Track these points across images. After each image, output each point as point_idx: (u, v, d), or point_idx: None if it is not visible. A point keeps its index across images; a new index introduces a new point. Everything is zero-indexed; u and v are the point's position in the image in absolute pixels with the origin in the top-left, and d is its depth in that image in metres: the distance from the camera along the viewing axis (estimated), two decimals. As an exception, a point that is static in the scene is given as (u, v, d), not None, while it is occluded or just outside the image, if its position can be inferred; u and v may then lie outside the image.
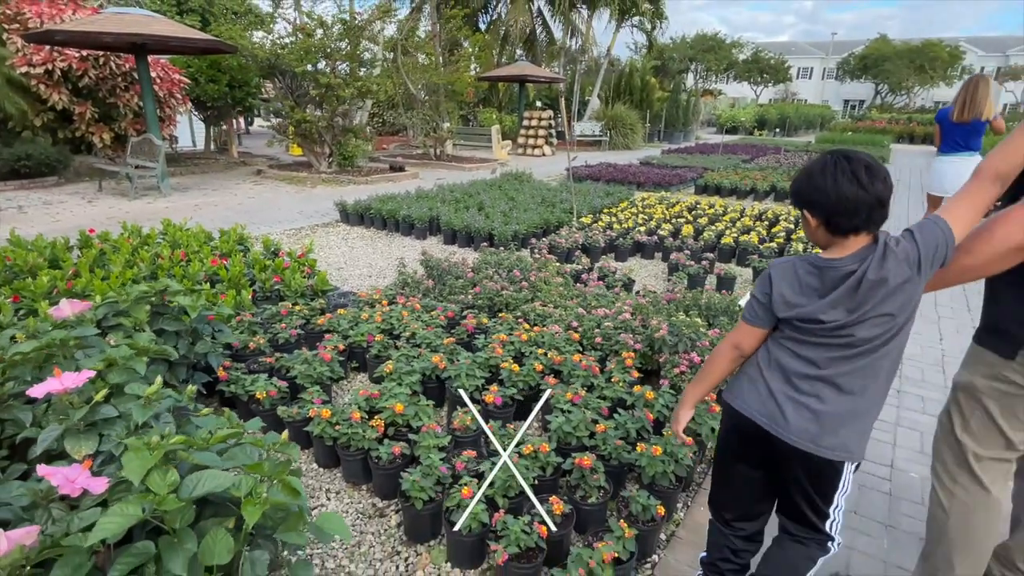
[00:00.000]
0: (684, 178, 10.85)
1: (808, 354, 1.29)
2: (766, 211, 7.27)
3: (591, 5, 18.93)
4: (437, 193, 7.95)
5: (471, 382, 2.71)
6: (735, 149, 17.00)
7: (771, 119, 30.28)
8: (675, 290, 3.86)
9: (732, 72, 51.63)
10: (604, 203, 7.78)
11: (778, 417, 1.32)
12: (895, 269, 1.20)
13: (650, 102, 22.90)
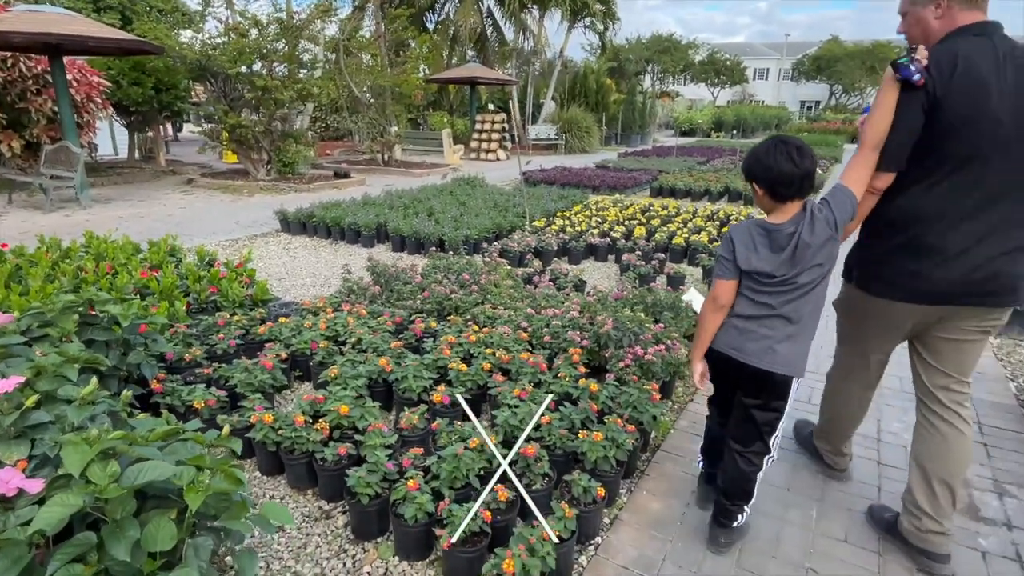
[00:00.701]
0: (639, 181, 11.29)
1: (763, 299, 1.81)
2: (718, 211, 7.69)
3: (542, 5, 19.47)
4: (385, 199, 8.05)
5: (418, 383, 2.85)
6: (691, 151, 17.74)
7: (728, 121, 31.65)
8: (624, 288, 4.10)
9: (689, 74, 53.66)
10: (558, 207, 8.06)
11: (743, 347, 1.84)
12: (820, 231, 1.73)
13: (606, 104, 23.61)
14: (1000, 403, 3.17)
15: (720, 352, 1.90)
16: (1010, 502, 2.37)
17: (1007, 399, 3.22)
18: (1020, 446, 2.77)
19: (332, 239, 6.86)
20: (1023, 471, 2.57)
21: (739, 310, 1.86)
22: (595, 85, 23.28)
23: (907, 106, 1.75)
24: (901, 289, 1.87)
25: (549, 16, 20.27)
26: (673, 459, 2.63)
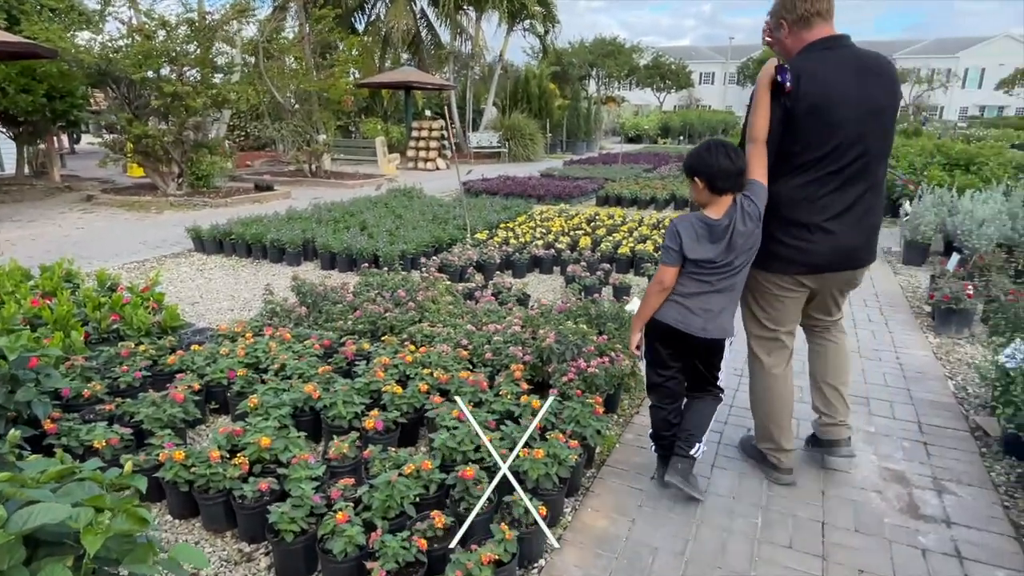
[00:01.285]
0: (585, 190, 11.58)
1: (704, 279, 2.27)
2: (664, 219, 7.99)
3: (478, 7, 19.79)
4: (313, 213, 7.94)
5: (349, 409, 2.84)
6: (638, 158, 18.33)
7: (675, 127, 32.89)
8: (568, 301, 4.21)
9: (634, 78, 55.49)
10: (501, 218, 8.17)
11: (688, 321, 2.30)
12: (749, 222, 2.23)
13: (550, 110, 24.12)
14: (939, 401, 3.44)
15: (669, 326, 2.33)
16: (949, 499, 2.57)
17: (946, 397, 3.49)
18: (959, 443, 3.01)
19: (253, 258, 6.71)
20: (961, 468, 2.80)
21: (682, 289, 2.30)
22: (538, 90, 23.77)
23: (774, 108, 2.25)
24: (795, 263, 2.37)
25: (486, 18, 20.63)
26: (619, 474, 2.72)
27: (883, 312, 4.99)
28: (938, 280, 4.86)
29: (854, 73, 2.21)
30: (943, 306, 4.40)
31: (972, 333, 4.46)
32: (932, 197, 6.54)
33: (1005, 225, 5.77)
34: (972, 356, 4.08)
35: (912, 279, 5.99)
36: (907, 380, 3.70)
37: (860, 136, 2.22)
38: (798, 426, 3.06)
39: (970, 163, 9.82)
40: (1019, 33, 58.54)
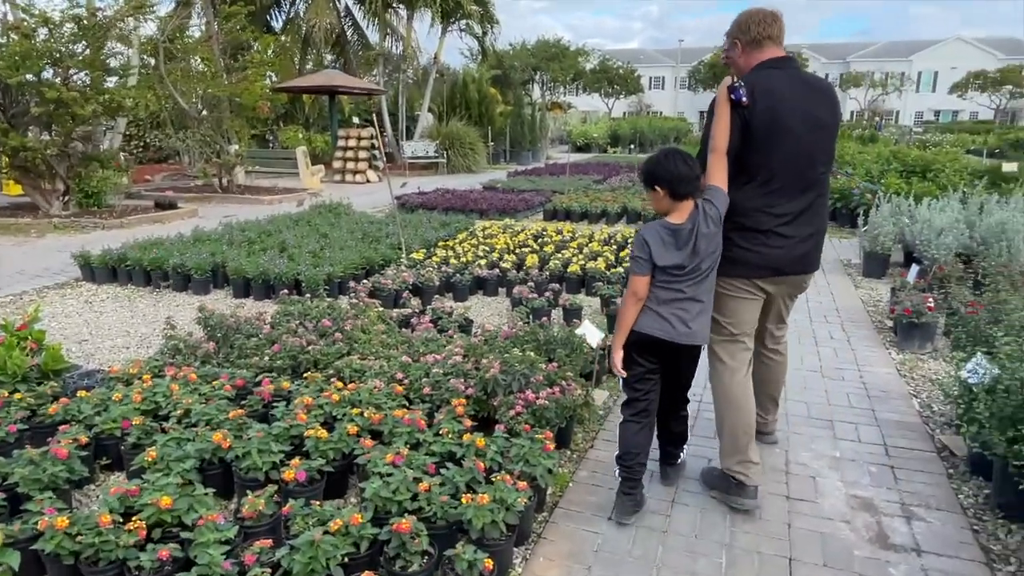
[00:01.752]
0: (531, 203, 11.73)
1: (676, 286, 2.50)
2: (616, 234, 8.17)
3: (409, 5, 19.94)
4: (224, 234, 7.73)
5: (265, 459, 2.74)
6: (587, 169, 18.74)
7: (625, 134, 33.78)
8: (515, 326, 4.22)
9: (580, 83, 56.82)
10: (439, 235, 8.16)
11: (668, 329, 2.51)
12: (711, 224, 2.48)
13: (491, 117, 24.42)
14: (904, 421, 3.61)
15: (647, 335, 2.54)
16: (918, 525, 2.68)
17: (911, 416, 3.67)
18: (926, 465, 3.16)
19: (153, 287, 6.46)
20: (929, 491, 2.93)
21: (656, 298, 2.53)
22: (477, 95, 24.06)
23: (732, 120, 2.56)
24: (756, 267, 2.68)
25: (419, 17, 20.81)
26: (573, 516, 2.72)
27: (845, 328, 5.22)
28: (899, 293, 5.13)
29: (801, 91, 2.61)
30: (904, 320, 4.64)
31: (935, 348, 4.71)
32: (890, 206, 6.93)
33: (963, 234, 6.16)
34: (936, 372, 4.31)
35: (873, 292, 6.31)
36: (871, 400, 3.87)
37: (809, 148, 2.61)
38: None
39: (926, 170, 10.49)
40: (970, 36, 63.39)
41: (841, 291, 6.35)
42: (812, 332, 5.15)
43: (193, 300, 6.04)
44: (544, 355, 3.80)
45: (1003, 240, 5.91)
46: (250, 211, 11.10)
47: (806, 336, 5.04)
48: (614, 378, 4.24)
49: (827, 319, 5.48)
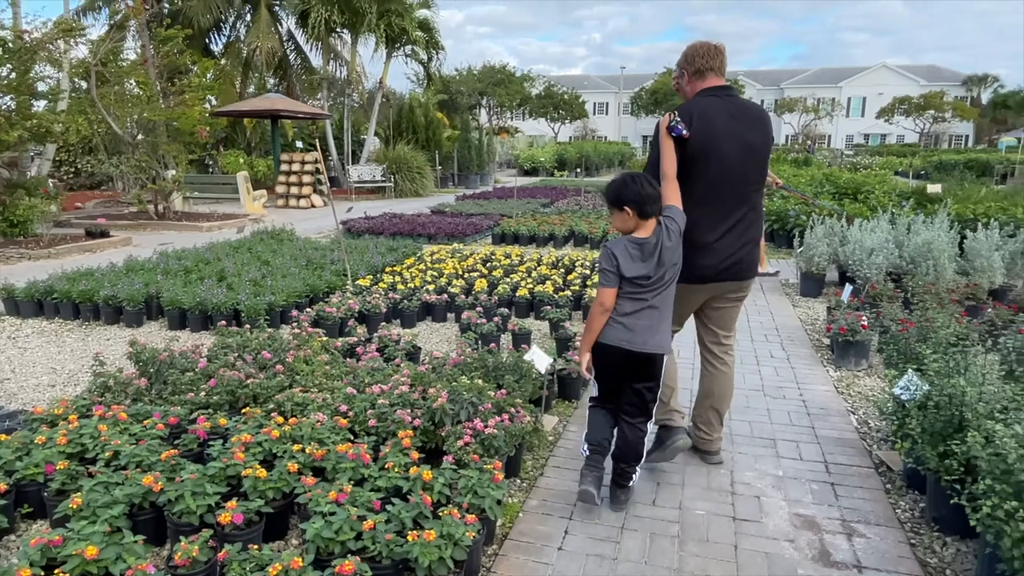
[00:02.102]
0: (480, 227, 11.76)
1: (641, 296, 2.73)
2: (563, 257, 8.25)
3: (353, 30, 19.90)
4: (159, 262, 7.47)
5: (200, 502, 2.62)
6: (535, 192, 18.91)
7: (571, 158, 34.30)
8: (463, 352, 4.19)
9: (527, 108, 57.61)
10: (386, 261, 8.08)
11: (631, 339, 2.74)
12: (673, 237, 2.74)
13: (438, 141, 24.48)
14: (843, 438, 3.72)
15: (612, 346, 2.76)
16: (858, 542, 2.75)
17: (849, 433, 3.78)
18: (864, 480, 3.26)
19: (82, 320, 6.17)
20: (869, 507, 3.01)
21: (621, 309, 2.75)
22: (424, 120, 24.11)
23: (675, 149, 2.89)
24: (691, 276, 2.97)
25: (363, 42, 20.78)
26: (524, 548, 2.69)
27: (785, 347, 5.38)
28: (834, 312, 5.32)
29: (735, 117, 2.95)
30: (840, 339, 4.81)
31: (870, 364, 4.89)
32: (824, 227, 7.21)
33: (892, 253, 6.45)
34: (871, 388, 4.47)
35: (811, 311, 6.53)
36: (811, 417, 3.98)
37: (742, 168, 2.96)
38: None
39: (857, 192, 10.97)
40: (894, 63, 67.24)
41: (780, 311, 6.54)
42: (754, 351, 5.28)
43: (125, 333, 5.79)
44: (493, 382, 3.78)
45: (929, 259, 6.21)
46: (188, 238, 10.77)
47: (748, 355, 5.16)
48: (564, 402, 4.25)
49: (768, 338, 5.63)
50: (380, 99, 22.43)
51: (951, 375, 2.86)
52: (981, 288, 5.89)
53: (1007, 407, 2.57)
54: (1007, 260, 6.43)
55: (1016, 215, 8.32)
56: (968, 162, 26.96)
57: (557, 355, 4.71)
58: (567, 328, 5.19)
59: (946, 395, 2.74)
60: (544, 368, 3.76)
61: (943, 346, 3.44)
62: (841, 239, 7.05)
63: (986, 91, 61.98)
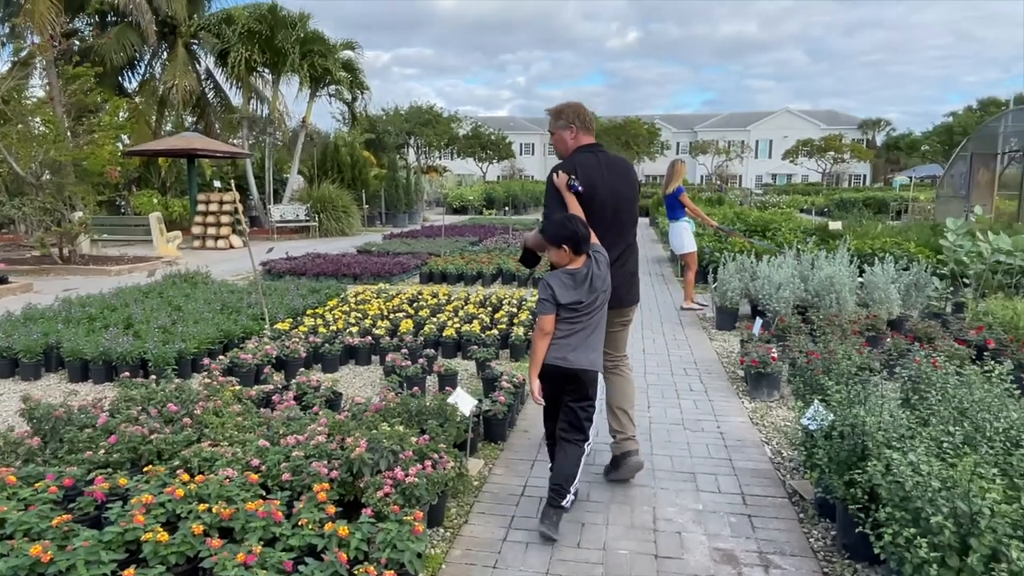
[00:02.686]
0: (407, 266, 11.65)
1: (576, 321, 3.08)
2: (491, 295, 8.26)
3: (275, 69, 19.68)
4: (61, 310, 7.00)
5: (94, 571, 2.41)
6: (463, 231, 18.98)
7: (500, 197, 34.76)
8: (385, 397, 4.09)
9: (455, 147, 58.21)
10: (308, 303, 7.86)
11: (567, 357, 3.06)
12: (603, 267, 3.13)
13: (365, 180, 24.27)
14: (758, 469, 3.82)
15: (551, 365, 3.06)
16: (774, 573, 2.80)
17: (764, 464, 3.89)
18: (779, 511, 3.34)
19: (-29, 374, 5.68)
20: (784, 538, 3.09)
21: (559, 333, 3.08)
22: (350, 159, 23.89)
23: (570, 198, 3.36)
24: None
25: (287, 81, 20.54)
26: (445, 603, 2.60)
27: (703, 380, 5.52)
28: (747, 345, 5.52)
29: (607, 170, 3.45)
30: (753, 371, 4.99)
31: (782, 395, 5.08)
32: (735, 264, 7.52)
33: (799, 288, 6.78)
34: (784, 419, 4.63)
35: (726, 344, 6.75)
36: (728, 449, 4.08)
37: (618, 213, 3.45)
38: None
39: (766, 229, 11.56)
40: (796, 108, 71.99)
41: (698, 344, 6.74)
42: (674, 385, 5.40)
43: (20, 387, 5.36)
44: (416, 427, 3.70)
45: (832, 292, 6.56)
46: (94, 283, 10.17)
47: (668, 390, 5.27)
48: (490, 444, 4.20)
49: (686, 372, 5.78)
50: (303, 138, 22.13)
51: (853, 405, 3.00)
52: (880, 319, 6.25)
53: (904, 435, 2.70)
54: (902, 292, 6.86)
55: (909, 249, 8.95)
56: (866, 200, 28.98)
57: (484, 395, 4.66)
58: (493, 368, 5.16)
59: (849, 424, 2.86)
60: (468, 410, 3.72)
61: (845, 377, 3.61)
62: (752, 274, 7.36)
63: (880, 134, 67.21)
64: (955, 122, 52.73)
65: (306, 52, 19.62)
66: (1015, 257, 6.57)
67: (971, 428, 2.71)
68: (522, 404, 4.88)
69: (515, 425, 4.53)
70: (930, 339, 5.50)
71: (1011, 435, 2.64)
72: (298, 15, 19.77)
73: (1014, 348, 5.03)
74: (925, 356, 4.15)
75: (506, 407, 4.30)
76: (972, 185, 15.88)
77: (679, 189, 8.52)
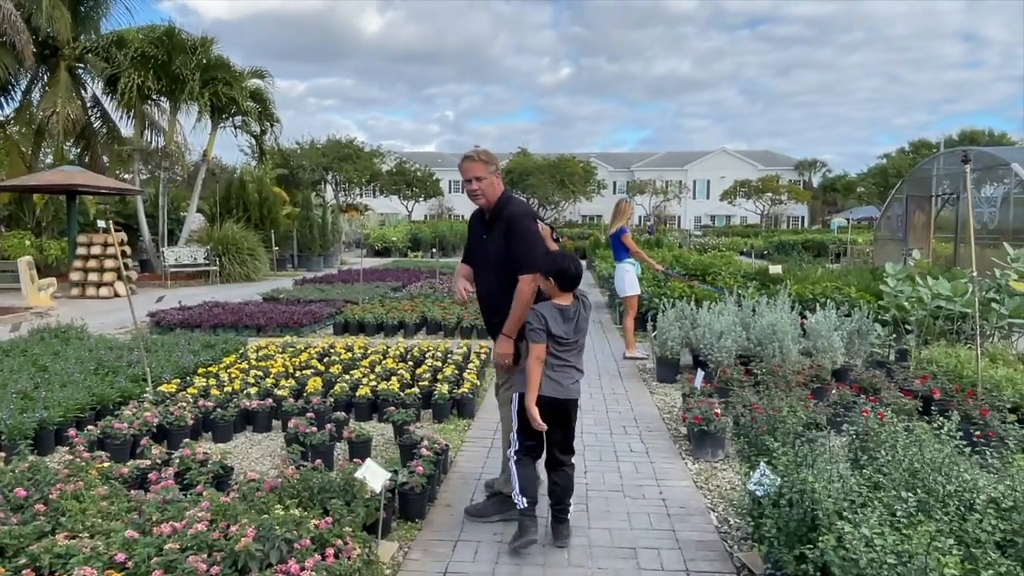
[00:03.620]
0: (319, 315, 11.32)
1: (560, 354, 3.54)
2: (413, 348, 8.06)
3: (172, 98, 19.19)
4: None
5: None
6: (385, 275, 18.73)
7: (426, 238, 34.67)
8: (283, 471, 3.83)
9: (377, 184, 58.01)
10: (201, 360, 7.46)
11: (558, 388, 3.53)
12: (587, 311, 3.66)
13: (274, 219, 23.75)
14: (704, 540, 3.75)
15: (546, 396, 3.52)
16: (724, 660, 2.70)
17: (710, 534, 3.83)
18: (727, 588, 3.26)
19: None
20: (732, 617, 3.00)
21: (548, 365, 3.53)
22: (258, 196, 23.37)
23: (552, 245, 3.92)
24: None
25: (185, 111, 20.03)
26: None
27: (644, 439, 5.48)
28: (689, 399, 5.53)
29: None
30: (696, 428, 4.98)
31: (727, 454, 5.08)
32: (675, 311, 7.63)
33: (740, 336, 6.91)
34: (730, 481, 4.61)
35: (668, 398, 6.77)
36: (672, 519, 4.01)
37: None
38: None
39: (705, 273, 11.86)
40: (733, 148, 75.77)
41: (637, 398, 6.73)
42: (613, 446, 5.32)
43: None
44: (318, 507, 3.48)
45: (775, 341, 6.71)
46: (-55, 339, 9.37)
47: (607, 451, 5.19)
48: (406, 524, 3.97)
49: (626, 430, 5.73)
50: (205, 173, 21.51)
51: (800, 468, 2.98)
52: (825, 369, 6.42)
53: (855, 502, 2.69)
54: (845, 340, 7.09)
55: (850, 294, 9.33)
56: (805, 242, 30.48)
57: (402, 464, 4.45)
58: (413, 432, 4.94)
59: (797, 491, 2.83)
60: (380, 486, 3.51)
61: (791, 435, 3.62)
62: (692, 322, 7.47)
63: (816, 175, 71.43)
64: (889, 164, 56.73)
65: (208, 80, 19.21)
66: (955, 303, 6.91)
67: (924, 492, 2.72)
68: (444, 474, 4.70)
69: (436, 499, 4.32)
70: (876, 390, 5.67)
71: (964, 498, 2.67)
72: (200, 39, 19.44)
73: (959, 399, 5.21)
74: (873, 409, 4.25)
75: (425, 479, 4.09)
76: (909, 227, 16.91)
77: (622, 229, 8.68)
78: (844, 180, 64.76)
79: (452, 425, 5.90)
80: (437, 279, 16.96)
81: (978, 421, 4.69)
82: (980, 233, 13.56)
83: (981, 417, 4.70)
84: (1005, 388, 5.32)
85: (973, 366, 5.62)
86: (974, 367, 5.56)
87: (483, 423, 5.93)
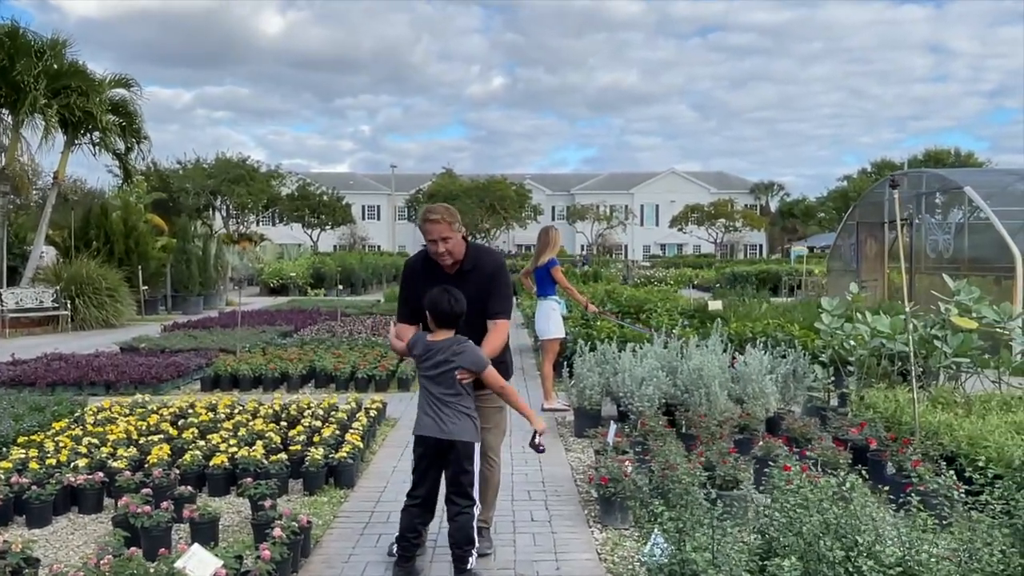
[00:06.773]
0: (185, 368, 11.01)
1: (432, 390, 4.05)
2: (290, 405, 7.87)
3: (13, 109, 18.57)
4: None
5: None
6: (275, 317, 18.38)
7: (331, 273, 34.24)
8: (95, 565, 3.66)
9: (276, 210, 57.24)
10: (24, 426, 7.10)
11: (439, 428, 3.97)
12: (455, 360, 3.99)
13: (144, 253, 23.04)
14: (598, 623, 3.73)
15: (426, 436, 3.99)
16: None
17: (607, 615, 3.82)
18: None
19: None
20: None
21: (424, 401, 4.07)
22: (124, 226, 22.69)
23: None
24: None
25: (31, 126, 19.38)
26: None
27: (549, 506, 5.47)
28: (601, 457, 5.56)
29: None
30: (603, 491, 4.99)
31: (637, 520, 5.11)
32: (594, 355, 7.71)
33: (664, 382, 7.03)
34: (638, 552, 4.62)
35: (583, 455, 6.80)
36: (568, 600, 3.99)
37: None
38: None
39: (640, 310, 12.08)
40: (683, 169, 78.14)
41: (550, 457, 6.71)
42: (512, 515, 5.29)
43: None
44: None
45: (702, 387, 6.84)
46: None
47: (504, 522, 5.14)
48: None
49: (531, 496, 5.71)
50: (55, 198, 20.79)
51: (682, 535, 3.01)
52: (755, 417, 6.58)
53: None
54: (780, 383, 7.29)
55: (793, 332, 9.64)
56: (760, 274, 31.45)
57: (255, 548, 4.28)
58: (269, 509, 4.78)
59: (676, 561, 2.86)
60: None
61: (687, 497, 3.67)
62: (613, 368, 7.56)
63: (773, 198, 74.28)
64: (850, 186, 59.56)
65: (59, 89, 18.68)
66: (895, 341, 7.22)
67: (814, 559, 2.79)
68: (305, 558, 4.56)
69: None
70: (807, 440, 5.83)
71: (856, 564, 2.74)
72: (49, 41, 18.93)
73: (894, 448, 5.41)
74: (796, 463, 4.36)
75: (273, 565, 3.95)
76: (861, 257, 17.66)
77: (552, 261, 8.75)
78: (803, 204, 67.57)
79: (326, 497, 5.76)
80: (338, 321, 16.75)
81: (910, 474, 4.86)
82: (936, 262, 14.29)
83: (913, 469, 4.87)
84: (944, 435, 5.54)
85: (912, 411, 5.85)
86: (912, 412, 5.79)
87: (364, 493, 5.83)
